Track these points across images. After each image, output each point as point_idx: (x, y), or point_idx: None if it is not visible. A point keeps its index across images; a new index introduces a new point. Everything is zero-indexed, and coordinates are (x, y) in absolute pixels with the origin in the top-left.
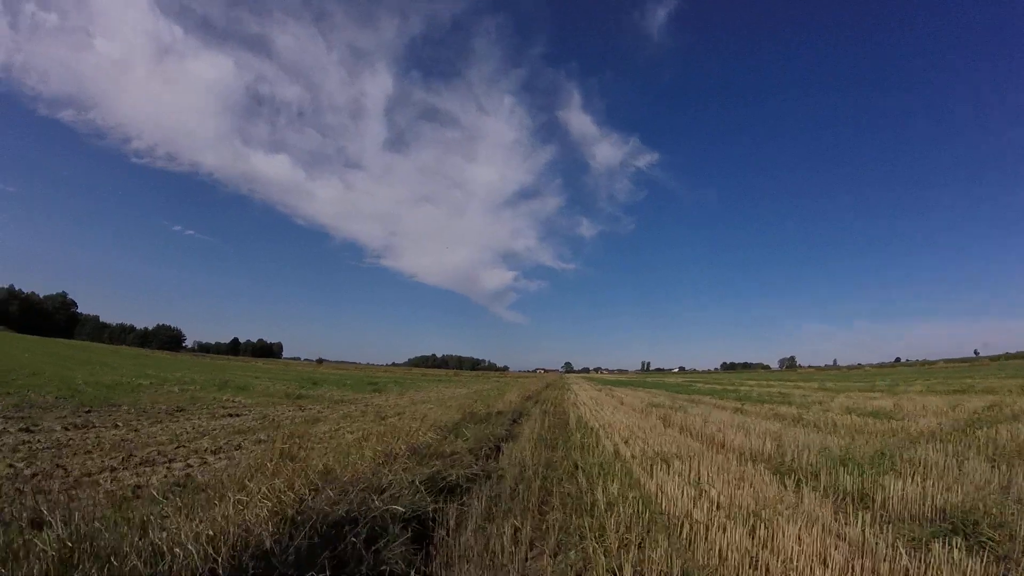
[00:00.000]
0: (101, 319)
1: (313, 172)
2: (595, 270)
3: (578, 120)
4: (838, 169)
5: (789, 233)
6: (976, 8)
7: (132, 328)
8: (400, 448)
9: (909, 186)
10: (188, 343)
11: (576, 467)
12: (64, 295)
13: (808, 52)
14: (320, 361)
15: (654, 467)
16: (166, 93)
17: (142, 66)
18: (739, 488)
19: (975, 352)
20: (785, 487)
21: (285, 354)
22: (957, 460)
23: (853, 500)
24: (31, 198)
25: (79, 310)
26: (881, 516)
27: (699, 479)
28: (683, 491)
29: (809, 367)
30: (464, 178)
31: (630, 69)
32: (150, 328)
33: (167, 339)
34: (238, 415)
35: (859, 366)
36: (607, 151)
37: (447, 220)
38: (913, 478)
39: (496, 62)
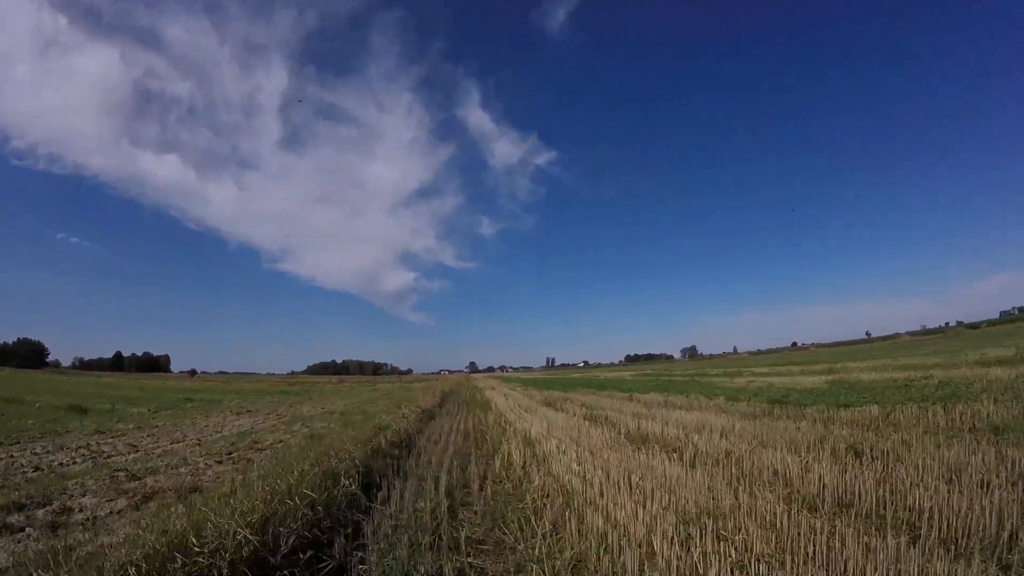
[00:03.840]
0: None
1: (205, 173)
2: (496, 269)
3: (476, 118)
4: (729, 165)
5: (683, 227)
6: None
7: None
8: None
9: (794, 178)
10: (69, 359)
11: None
12: None
13: (701, 53)
14: (192, 373)
15: None
16: (48, 88)
17: (24, 59)
18: None
19: (867, 333)
20: None
21: (175, 367)
22: None
23: None
24: None
25: None
26: None
27: None
28: None
29: (710, 355)
30: (362, 177)
31: (528, 67)
32: (9, 343)
33: (28, 354)
34: None
35: (758, 351)
36: (506, 149)
37: (345, 221)
38: None
39: (394, 58)
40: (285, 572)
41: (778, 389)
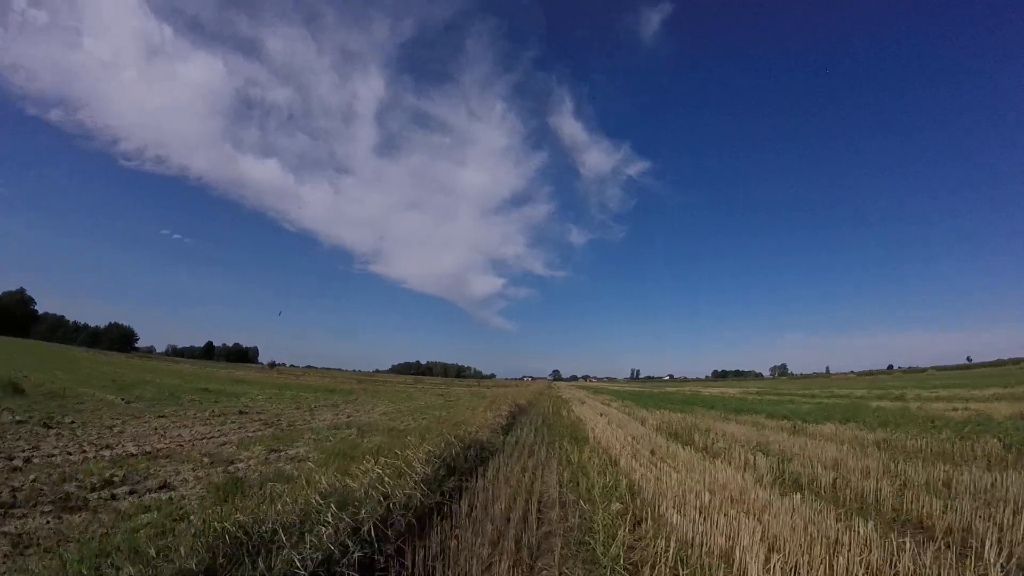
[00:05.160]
0: (67, 318)
1: (303, 176)
2: (584, 278)
3: (569, 126)
4: (832, 178)
5: (780, 242)
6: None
7: (86, 326)
8: None
9: (904, 195)
10: (164, 346)
11: None
12: (23, 291)
13: (803, 59)
14: (272, 365)
15: None
16: (155, 94)
17: (131, 66)
18: None
19: (967, 359)
20: None
21: (262, 359)
22: None
23: None
24: (17, 198)
25: (38, 308)
26: None
27: None
28: None
29: (802, 375)
30: (454, 184)
31: (622, 75)
32: (101, 327)
33: (117, 338)
34: None
35: (851, 373)
36: (598, 158)
37: (436, 226)
38: None
39: (488, 66)
40: None
41: None
